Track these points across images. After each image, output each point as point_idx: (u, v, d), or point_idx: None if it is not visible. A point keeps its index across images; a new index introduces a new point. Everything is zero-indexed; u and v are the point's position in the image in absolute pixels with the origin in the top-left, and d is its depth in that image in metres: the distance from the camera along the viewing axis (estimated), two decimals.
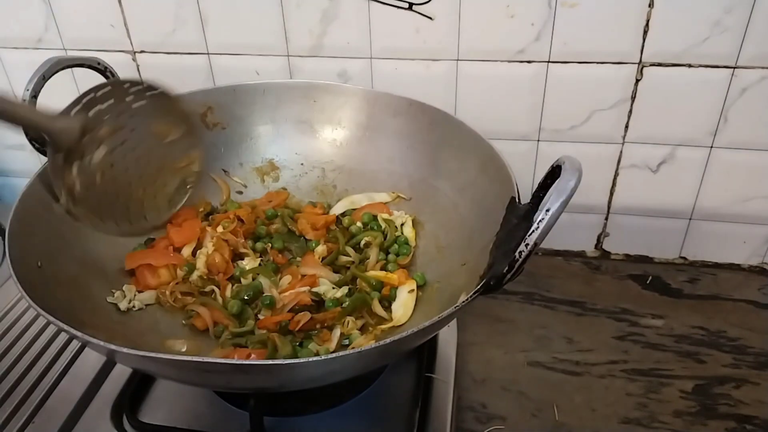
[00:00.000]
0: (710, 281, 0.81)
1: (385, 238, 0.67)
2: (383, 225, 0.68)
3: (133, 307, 0.60)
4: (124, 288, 0.61)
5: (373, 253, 0.66)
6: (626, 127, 0.75)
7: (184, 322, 0.61)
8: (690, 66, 0.69)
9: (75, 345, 0.66)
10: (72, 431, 0.58)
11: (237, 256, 0.66)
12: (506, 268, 0.45)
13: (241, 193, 0.74)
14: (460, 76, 0.75)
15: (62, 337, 0.67)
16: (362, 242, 0.67)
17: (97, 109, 0.55)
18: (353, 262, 0.65)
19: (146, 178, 0.60)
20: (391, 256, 0.66)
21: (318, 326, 0.59)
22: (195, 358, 0.41)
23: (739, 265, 0.82)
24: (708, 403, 0.65)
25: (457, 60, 0.74)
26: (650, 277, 0.82)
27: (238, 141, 0.74)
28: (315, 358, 0.41)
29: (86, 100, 0.54)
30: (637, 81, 0.71)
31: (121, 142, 0.57)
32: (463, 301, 0.46)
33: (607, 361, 0.70)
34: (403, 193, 0.70)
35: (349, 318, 0.59)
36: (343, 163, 0.73)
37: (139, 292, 0.62)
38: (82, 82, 0.83)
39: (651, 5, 0.67)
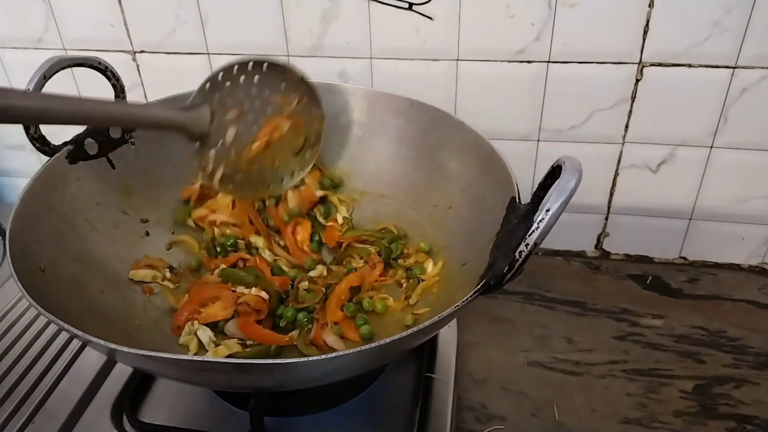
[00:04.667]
0: (710, 281, 0.81)
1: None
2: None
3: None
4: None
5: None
6: (626, 127, 0.75)
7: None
8: (690, 66, 0.69)
9: (75, 345, 0.66)
10: (72, 431, 0.58)
11: None
12: (506, 268, 0.45)
13: None
14: (460, 76, 0.75)
15: (62, 337, 0.67)
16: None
17: (220, 95, 0.60)
18: None
19: (275, 147, 0.64)
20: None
21: None
22: (195, 358, 0.41)
23: (739, 265, 0.83)
24: (708, 403, 0.65)
25: (457, 60, 0.74)
26: (650, 277, 0.82)
27: None
28: (315, 358, 0.41)
29: (207, 88, 0.59)
30: (637, 81, 0.71)
31: (246, 119, 0.62)
32: (463, 301, 0.46)
33: (607, 361, 0.70)
34: (403, 193, 0.70)
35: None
36: (343, 163, 0.73)
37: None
38: (82, 82, 0.84)
39: (651, 5, 0.67)
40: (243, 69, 0.61)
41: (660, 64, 0.70)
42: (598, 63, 0.71)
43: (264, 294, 0.60)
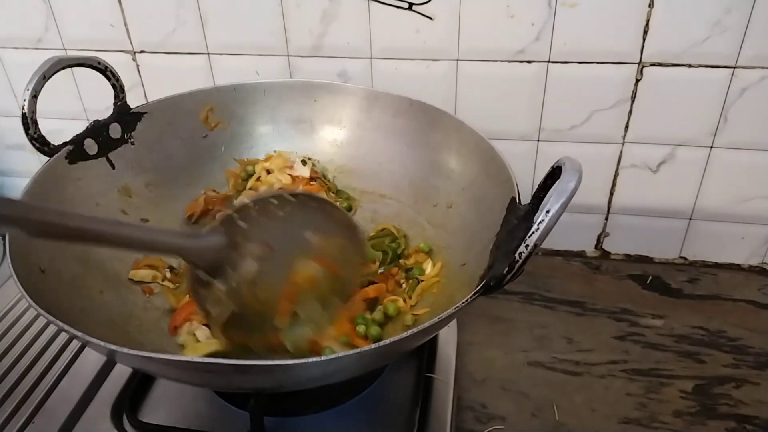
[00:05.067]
0: (710, 281, 0.81)
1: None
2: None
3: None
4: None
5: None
6: (626, 127, 0.75)
7: None
8: (690, 66, 0.69)
9: (75, 345, 0.66)
10: (72, 431, 0.58)
11: None
12: (506, 268, 0.45)
13: None
14: (460, 76, 0.75)
15: (62, 337, 0.67)
16: None
17: (250, 226, 0.52)
18: None
19: (300, 294, 0.55)
20: None
21: None
22: (195, 358, 0.41)
23: (739, 265, 0.83)
24: (708, 403, 0.65)
25: (457, 60, 0.74)
26: (650, 277, 0.82)
27: (238, 141, 0.74)
28: (315, 359, 0.41)
29: (237, 218, 0.52)
30: (637, 81, 0.71)
31: (274, 258, 0.53)
32: (463, 302, 0.46)
33: (607, 361, 0.70)
34: (403, 193, 0.70)
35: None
36: (343, 163, 0.73)
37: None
38: (82, 82, 0.84)
39: (651, 5, 0.67)
40: (284, 202, 0.53)
41: (660, 64, 0.70)
42: (598, 63, 0.71)
43: None
